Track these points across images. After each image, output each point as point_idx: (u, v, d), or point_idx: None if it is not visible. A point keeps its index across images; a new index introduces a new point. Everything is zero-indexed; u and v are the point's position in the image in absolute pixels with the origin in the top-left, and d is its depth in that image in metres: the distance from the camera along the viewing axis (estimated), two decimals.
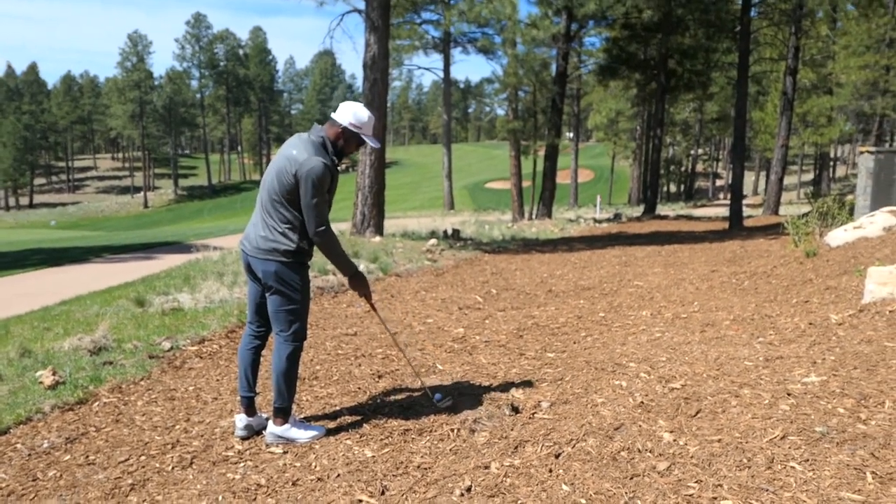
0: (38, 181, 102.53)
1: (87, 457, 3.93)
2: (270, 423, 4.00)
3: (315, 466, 3.65)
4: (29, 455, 3.96)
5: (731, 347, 5.28)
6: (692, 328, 6.09)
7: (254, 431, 4.08)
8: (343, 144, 3.87)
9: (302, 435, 3.98)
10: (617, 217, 28.09)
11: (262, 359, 4.19)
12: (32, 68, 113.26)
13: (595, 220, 26.49)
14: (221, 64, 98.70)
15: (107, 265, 14.58)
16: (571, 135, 56.76)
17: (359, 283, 4.05)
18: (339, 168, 3.90)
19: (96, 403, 4.80)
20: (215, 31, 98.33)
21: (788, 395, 4.16)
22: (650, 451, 3.50)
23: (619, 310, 7.29)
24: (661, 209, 36.99)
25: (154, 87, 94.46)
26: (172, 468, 3.73)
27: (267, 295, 3.88)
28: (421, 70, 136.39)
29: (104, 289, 10.27)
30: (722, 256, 11.43)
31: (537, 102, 28.76)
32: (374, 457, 3.70)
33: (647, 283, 8.96)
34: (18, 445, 4.09)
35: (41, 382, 5.08)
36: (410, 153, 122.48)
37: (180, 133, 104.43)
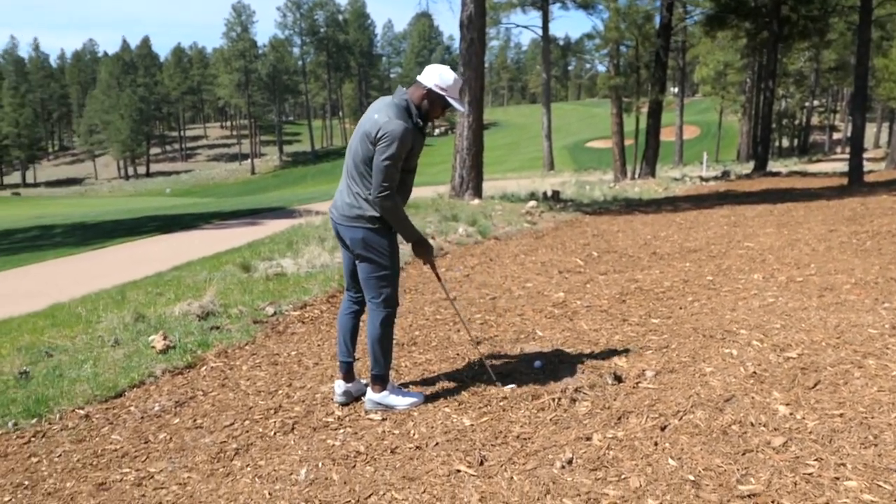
0: (154, 151, 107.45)
1: (195, 420, 4.05)
2: (369, 389, 4.00)
3: (413, 434, 3.62)
4: (142, 418, 4.11)
5: (853, 314, 4.93)
6: (809, 293, 5.73)
7: (353, 397, 4.10)
8: (428, 107, 3.75)
9: (400, 402, 3.97)
10: (725, 175, 26.94)
11: (361, 324, 4.18)
12: (145, 42, 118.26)
13: (701, 179, 25.51)
14: (322, 30, 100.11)
15: (215, 231, 15.10)
16: (676, 90, 54.67)
17: (422, 249, 3.96)
18: (424, 132, 3.81)
19: (204, 368, 4.94)
20: None
21: None
22: (764, 426, 3.30)
23: (729, 273, 6.95)
24: (773, 165, 35.29)
25: (258, 56, 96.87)
26: (275, 433, 3.78)
27: (357, 262, 3.86)
28: (519, 28, 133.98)
29: (212, 254, 10.62)
30: (841, 215, 10.75)
31: (640, 57, 27.72)
32: (472, 426, 3.64)
33: (758, 245, 8.52)
34: (132, 408, 4.26)
35: (153, 347, 5.27)
36: (509, 114, 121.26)
37: (284, 100, 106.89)
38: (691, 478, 2.88)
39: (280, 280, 7.67)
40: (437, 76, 3.72)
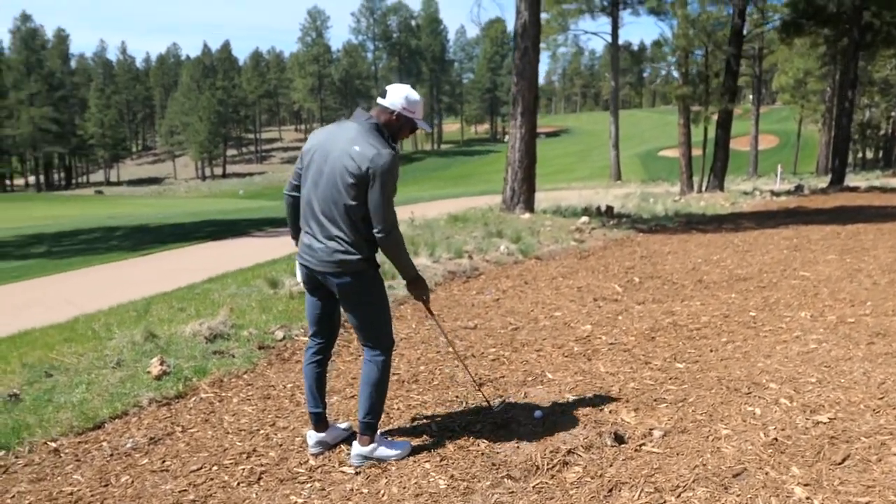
0: (230, 152, 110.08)
1: (164, 461, 3.81)
2: (356, 443, 3.65)
3: (383, 495, 3.30)
4: (111, 455, 3.90)
5: None
6: (857, 338, 5.16)
7: (328, 447, 3.79)
8: (396, 131, 3.48)
9: (388, 453, 3.65)
10: (798, 189, 25.72)
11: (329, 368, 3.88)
12: (225, 46, 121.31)
13: (773, 193, 24.39)
14: (394, 35, 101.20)
15: (265, 239, 15.11)
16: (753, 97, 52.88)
17: (417, 287, 3.62)
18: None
19: (194, 398, 4.72)
20: (389, 4, 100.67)
21: None
22: None
23: (775, 308, 6.39)
24: (853, 179, 33.66)
25: (332, 61, 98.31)
26: (238, 484, 3.51)
27: (346, 311, 3.55)
28: (587, 35, 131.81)
29: (250, 266, 10.53)
30: None
31: (710, 65, 26.72)
32: (447, 489, 3.29)
33: (814, 274, 7.88)
34: (104, 444, 4.05)
35: (149, 372, 5.09)
36: (581, 121, 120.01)
37: (356, 104, 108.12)
38: None
39: (302, 299, 7.43)
40: (403, 98, 3.43)
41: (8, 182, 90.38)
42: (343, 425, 3.93)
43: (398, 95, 3.43)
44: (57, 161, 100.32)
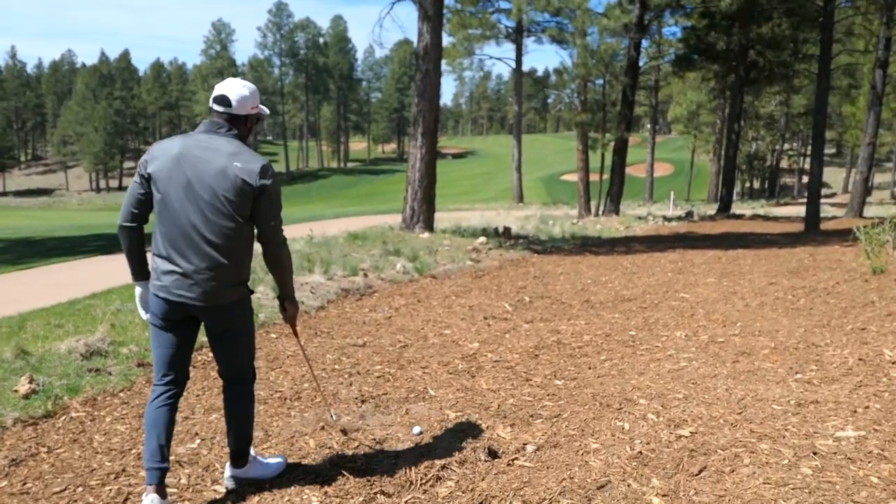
0: (128, 164, 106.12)
1: (25, 483, 3.64)
2: (229, 464, 3.56)
3: None
4: None
5: (762, 385, 4.64)
6: (724, 357, 5.44)
7: None
8: (248, 132, 3.30)
9: (264, 472, 3.58)
10: (689, 215, 26.91)
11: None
12: (124, 55, 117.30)
13: (665, 219, 25.41)
14: (302, 52, 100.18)
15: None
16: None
17: (294, 305, 3.50)
18: None
19: (63, 418, 4.53)
20: (297, 20, 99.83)
21: (814, 454, 3.54)
22: None
23: (654, 328, 6.66)
24: (740, 207, 35.42)
25: (236, 75, 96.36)
26: None
27: (223, 345, 3.31)
28: (492, 60, 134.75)
29: None
30: (786, 266, 10.55)
31: (607, 94, 27.74)
32: None
33: (693, 296, 8.26)
34: None
35: (16, 390, 4.85)
36: (488, 143, 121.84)
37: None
38: None
39: None
40: (250, 99, 3.23)
41: None
42: None
43: (242, 96, 3.19)
44: None
